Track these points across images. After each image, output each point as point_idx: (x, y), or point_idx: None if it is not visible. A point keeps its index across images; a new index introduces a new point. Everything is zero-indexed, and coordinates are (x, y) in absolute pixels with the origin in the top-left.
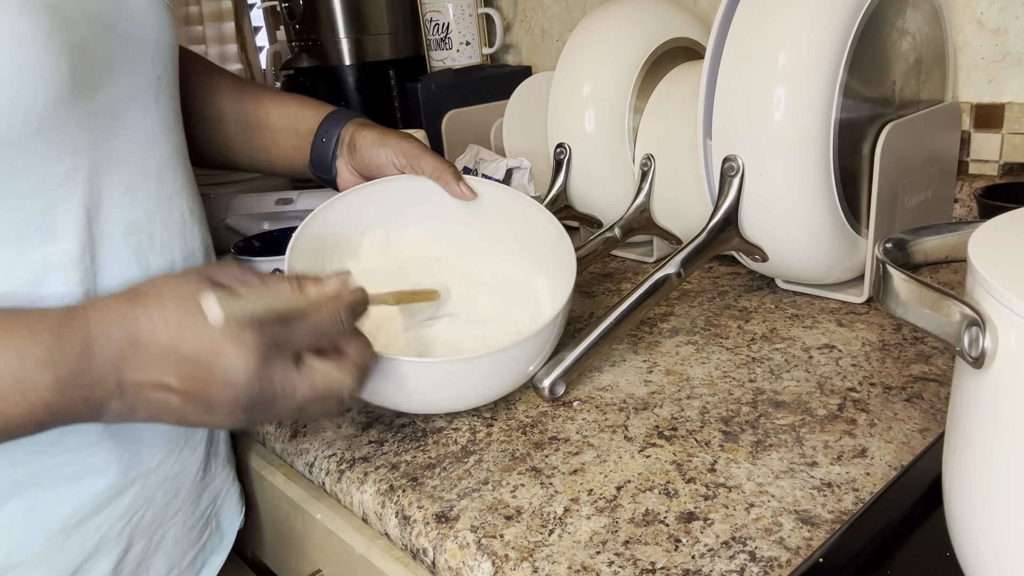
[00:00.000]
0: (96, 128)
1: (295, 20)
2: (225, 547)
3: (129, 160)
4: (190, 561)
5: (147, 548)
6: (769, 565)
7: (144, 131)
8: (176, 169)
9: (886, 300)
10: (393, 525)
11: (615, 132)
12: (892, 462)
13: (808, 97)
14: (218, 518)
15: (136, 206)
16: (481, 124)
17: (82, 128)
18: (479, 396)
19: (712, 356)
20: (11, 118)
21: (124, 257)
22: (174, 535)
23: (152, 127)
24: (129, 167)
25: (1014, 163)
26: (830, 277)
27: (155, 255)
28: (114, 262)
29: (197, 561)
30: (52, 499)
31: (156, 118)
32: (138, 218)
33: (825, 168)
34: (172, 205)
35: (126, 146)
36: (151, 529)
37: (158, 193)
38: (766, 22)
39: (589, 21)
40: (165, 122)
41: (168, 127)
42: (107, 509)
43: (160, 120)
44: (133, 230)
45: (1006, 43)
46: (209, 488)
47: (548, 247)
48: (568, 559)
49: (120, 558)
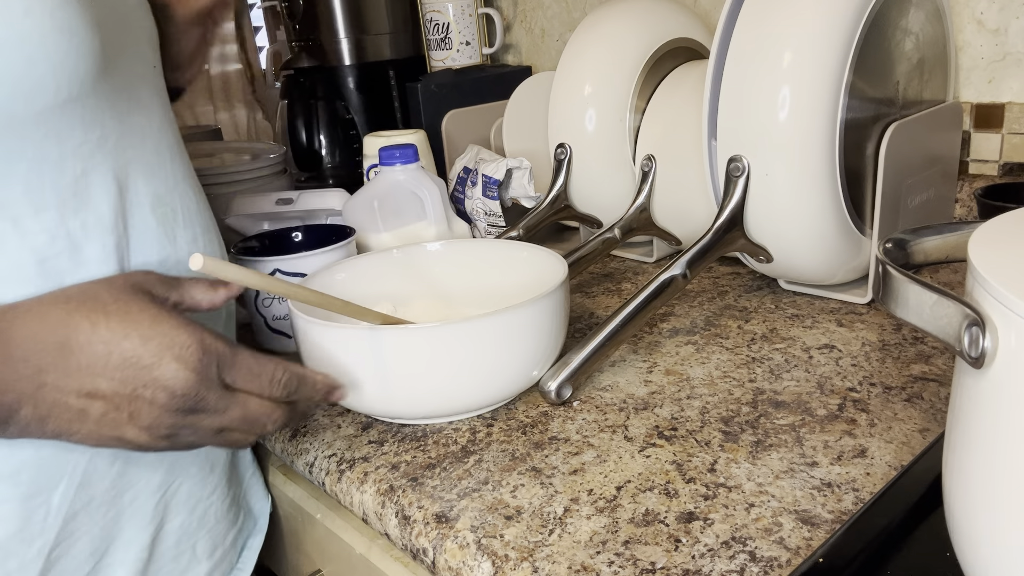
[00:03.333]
0: (119, 103)
1: (295, 20)
2: (260, 530)
3: (146, 138)
4: (232, 541)
5: (188, 523)
6: (769, 565)
7: (155, 113)
8: (183, 155)
9: (886, 300)
10: (393, 525)
11: (616, 132)
12: (892, 462)
13: (814, 97)
14: (248, 501)
15: (158, 180)
16: (481, 124)
17: (108, 101)
18: (481, 394)
19: (712, 356)
20: (59, 82)
21: (153, 227)
22: (215, 513)
23: (160, 112)
24: (147, 144)
25: (1014, 163)
26: (834, 278)
27: (180, 228)
28: (145, 231)
29: (238, 542)
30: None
31: (160, 105)
32: (161, 192)
33: (831, 168)
34: (186, 185)
35: (142, 124)
36: (189, 504)
37: (173, 173)
38: (771, 22)
39: (590, 21)
40: (166, 111)
41: (169, 116)
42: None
43: (163, 108)
44: (159, 202)
45: (1006, 43)
46: (238, 469)
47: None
48: (568, 559)
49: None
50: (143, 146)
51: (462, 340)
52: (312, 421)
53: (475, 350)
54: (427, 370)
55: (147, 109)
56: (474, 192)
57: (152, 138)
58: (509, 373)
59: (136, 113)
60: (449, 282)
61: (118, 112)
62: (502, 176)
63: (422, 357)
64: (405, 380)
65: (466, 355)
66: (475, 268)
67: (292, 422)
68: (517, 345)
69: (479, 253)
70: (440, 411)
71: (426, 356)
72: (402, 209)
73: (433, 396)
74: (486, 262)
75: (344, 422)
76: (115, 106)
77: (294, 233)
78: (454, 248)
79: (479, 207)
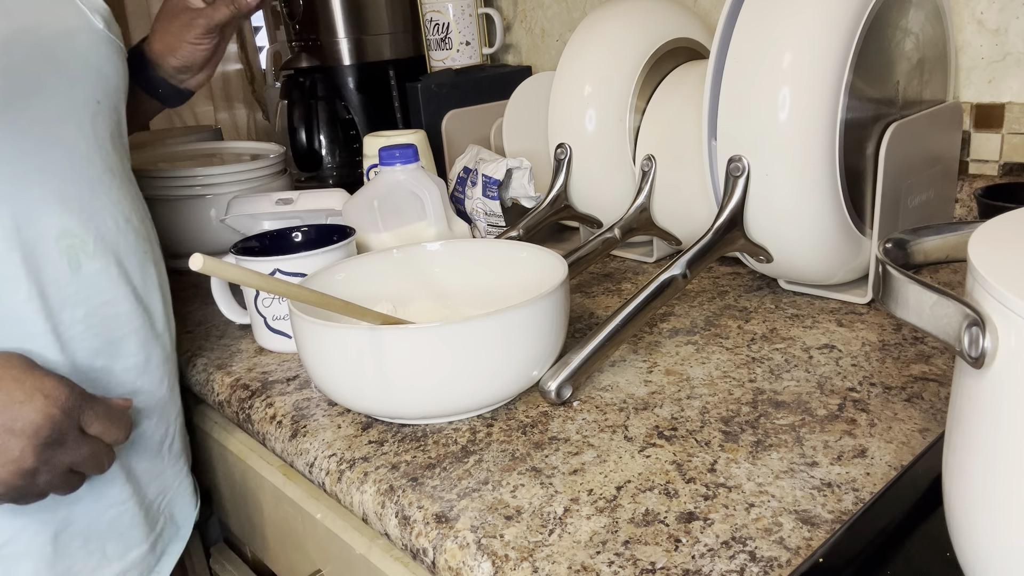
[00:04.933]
0: (24, 141)
1: (295, 20)
2: (183, 537)
3: (63, 172)
4: (150, 546)
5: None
6: (769, 565)
7: (79, 146)
8: (111, 183)
9: (886, 300)
10: (393, 525)
11: (616, 132)
12: (892, 462)
13: (814, 97)
14: (171, 510)
15: (69, 213)
16: (481, 124)
17: (7, 140)
18: (481, 394)
19: (712, 356)
20: None
21: (55, 257)
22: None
23: (87, 144)
24: (64, 178)
25: (1014, 163)
26: (834, 278)
27: (88, 258)
28: (46, 263)
29: (157, 547)
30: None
31: (92, 137)
32: (71, 224)
33: (831, 168)
34: (105, 215)
35: (58, 160)
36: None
37: (91, 203)
38: (771, 22)
39: (590, 21)
40: (100, 142)
41: (103, 146)
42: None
43: (95, 139)
44: (66, 235)
45: (1006, 43)
46: (157, 480)
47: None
48: (568, 559)
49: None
50: (56, 181)
51: (462, 340)
52: (312, 421)
53: (475, 350)
54: (427, 370)
55: (67, 145)
56: (474, 192)
57: (70, 173)
58: (509, 373)
59: (53, 149)
60: (449, 282)
61: (22, 150)
62: (502, 176)
63: (422, 357)
64: (405, 380)
65: (466, 355)
66: (475, 268)
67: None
68: (517, 345)
69: (479, 253)
70: (440, 411)
71: (426, 356)
72: (402, 209)
73: (433, 396)
74: (486, 262)
75: (344, 422)
76: (17, 143)
77: (294, 233)
78: (454, 248)
79: (479, 207)
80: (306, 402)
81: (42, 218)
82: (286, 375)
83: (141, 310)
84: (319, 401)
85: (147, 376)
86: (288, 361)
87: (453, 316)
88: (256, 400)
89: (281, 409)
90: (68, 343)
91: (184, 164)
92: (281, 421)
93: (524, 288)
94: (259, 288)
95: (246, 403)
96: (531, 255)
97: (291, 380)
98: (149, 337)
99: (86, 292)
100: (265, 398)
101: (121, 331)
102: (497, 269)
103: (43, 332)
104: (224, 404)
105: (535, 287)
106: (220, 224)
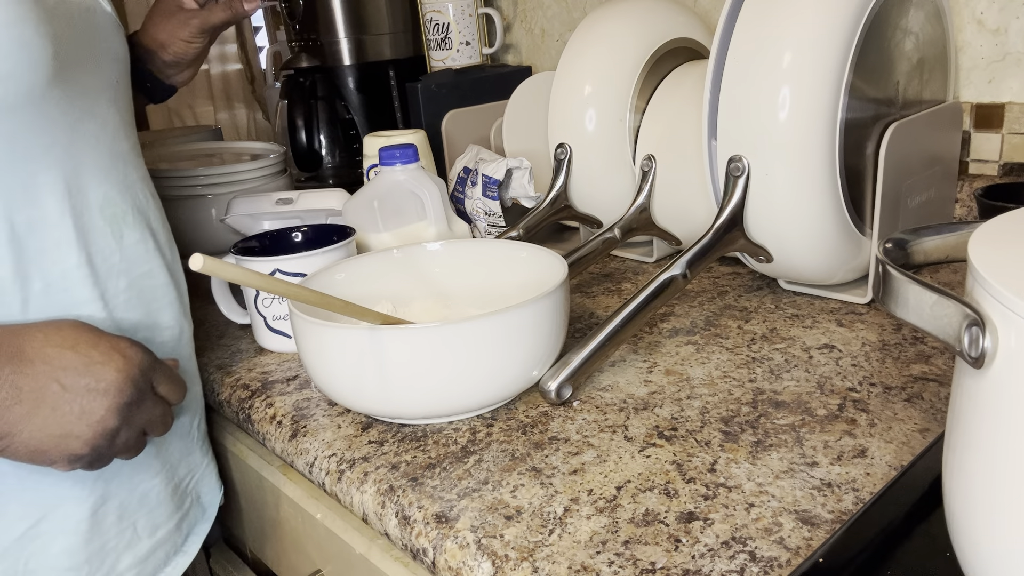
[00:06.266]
0: (72, 111)
1: (295, 20)
2: (208, 519)
3: (100, 143)
4: (176, 524)
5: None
6: (769, 565)
7: (110, 122)
8: (137, 162)
9: (886, 300)
10: (393, 525)
11: (616, 132)
12: (892, 462)
13: (814, 97)
14: (198, 490)
15: (109, 184)
16: (481, 124)
17: (60, 108)
18: (481, 394)
19: (712, 356)
20: (7, 88)
21: (100, 226)
22: (157, 496)
23: (116, 120)
24: (101, 149)
25: (1014, 163)
26: (834, 278)
27: (128, 228)
28: (92, 230)
29: (183, 526)
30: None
31: (116, 115)
32: (112, 194)
33: (831, 168)
34: (137, 190)
35: (96, 131)
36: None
37: (125, 177)
38: (771, 22)
39: (590, 21)
40: (124, 119)
41: (126, 125)
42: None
43: (120, 117)
44: (108, 204)
45: (1006, 43)
46: (187, 460)
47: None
48: (568, 559)
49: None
50: (96, 151)
51: (462, 340)
52: (312, 421)
53: (475, 350)
54: (427, 370)
55: (101, 119)
56: (474, 192)
57: (105, 145)
58: (509, 373)
59: (88, 121)
60: (449, 282)
61: (71, 119)
62: (502, 176)
63: (422, 357)
64: (405, 380)
65: (466, 355)
66: (475, 268)
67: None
68: (517, 345)
69: (479, 253)
70: (440, 411)
71: (426, 356)
72: (402, 209)
73: (433, 396)
74: (486, 262)
75: (344, 422)
76: (67, 114)
77: (294, 233)
78: (454, 248)
79: (479, 207)
80: (306, 402)
81: (88, 186)
82: (286, 375)
83: (174, 284)
84: (319, 401)
85: (180, 350)
86: (288, 361)
87: (453, 316)
88: (256, 400)
89: (281, 409)
90: (114, 311)
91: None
92: (281, 421)
93: (524, 288)
94: (259, 288)
95: (246, 403)
96: (531, 255)
97: (291, 380)
98: (181, 311)
99: (128, 262)
100: (265, 398)
101: (159, 303)
102: (497, 269)
103: (91, 299)
104: (224, 404)
105: (535, 287)
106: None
